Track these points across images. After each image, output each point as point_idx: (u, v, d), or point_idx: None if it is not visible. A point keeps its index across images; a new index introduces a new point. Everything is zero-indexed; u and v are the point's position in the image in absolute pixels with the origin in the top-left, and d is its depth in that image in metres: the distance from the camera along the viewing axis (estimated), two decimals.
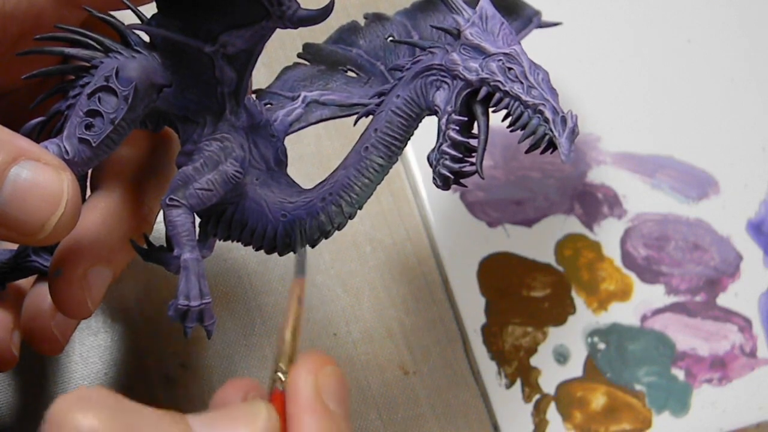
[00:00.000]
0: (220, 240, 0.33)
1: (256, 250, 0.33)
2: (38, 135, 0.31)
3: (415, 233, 0.48)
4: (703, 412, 0.46)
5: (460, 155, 0.31)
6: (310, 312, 0.46)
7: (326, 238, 0.33)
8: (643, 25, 0.53)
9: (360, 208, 0.32)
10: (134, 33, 0.31)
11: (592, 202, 0.49)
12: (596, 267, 0.48)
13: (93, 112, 0.30)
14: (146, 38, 0.31)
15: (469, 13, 0.31)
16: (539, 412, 0.45)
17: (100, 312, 0.44)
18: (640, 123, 0.51)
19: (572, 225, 0.48)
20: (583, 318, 0.47)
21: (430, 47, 0.31)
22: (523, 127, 0.30)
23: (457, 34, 0.31)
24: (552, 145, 0.29)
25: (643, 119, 0.51)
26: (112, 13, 0.32)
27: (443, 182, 0.31)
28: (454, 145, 0.31)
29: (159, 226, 0.34)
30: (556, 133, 0.29)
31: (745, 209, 0.50)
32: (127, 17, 0.32)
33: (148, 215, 0.34)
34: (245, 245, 0.33)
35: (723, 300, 0.48)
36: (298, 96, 0.34)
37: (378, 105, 0.32)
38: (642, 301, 0.47)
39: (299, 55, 0.36)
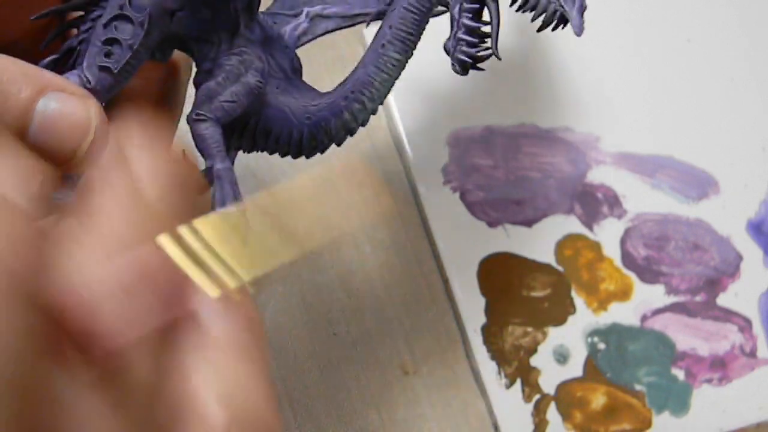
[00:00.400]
0: (245, 152, 0.34)
1: (282, 156, 0.34)
2: (53, 71, 0.32)
3: (415, 233, 0.48)
4: (703, 412, 0.46)
5: (476, 40, 0.33)
6: (310, 312, 0.46)
7: (351, 135, 0.34)
8: (643, 25, 0.53)
9: (381, 102, 0.34)
10: None
11: (592, 202, 0.49)
12: (596, 267, 0.48)
13: (111, 40, 0.31)
14: None
15: None
16: (539, 412, 0.45)
17: None
18: (640, 123, 0.51)
19: (572, 225, 0.48)
20: (583, 318, 0.47)
21: None
22: (533, 7, 0.32)
23: None
24: (563, 20, 0.32)
25: (643, 119, 0.51)
26: None
27: (462, 67, 0.33)
28: (469, 31, 0.32)
29: None
30: (567, 7, 0.31)
31: (745, 209, 0.50)
32: None
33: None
34: (271, 153, 0.34)
35: (723, 300, 0.48)
36: (301, 12, 0.35)
37: (389, 4, 0.34)
38: (642, 301, 0.47)
39: None
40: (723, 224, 0.49)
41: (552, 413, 0.45)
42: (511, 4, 0.32)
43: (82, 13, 0.32)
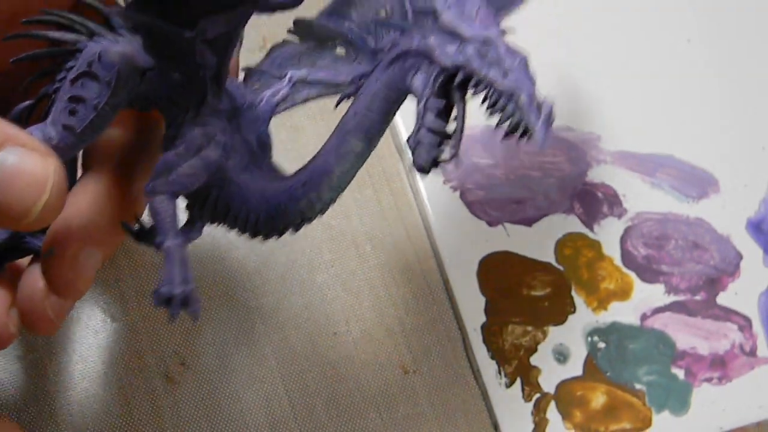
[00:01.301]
0: (207, 224, 0.33)
1: (240, 234, 0.33)
2: (27, 118, 0.31)
3: (415, 233, 0.48)
4: (703, 410, 0.46)
5: (438, 140, 0.31)
6: (310, 311, 0.46)
7: (308, 223, 0.32)
8: (644, 24, 0.53)
9: (341, 192, 0.32)
10: (118, 16, 0.31)
11: (592, 201, 0.49)
12: (596, 266, 0.48)
13: (76, 98, 0.30)
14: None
15: None
16: (539, 411, 0.45)
17: (100, 311, 0.44)
18: (640, 122, 0.51)
19: (572, 224, 0.48)
20: (583, 317, 0.47)
21: (410, 29, 0.31)
22: (501, 110, 0.30)
23: (434, 17, 0.30)
24: (528, 132, 0.29)
25: (643, 118, 0.51)
26: None
27: (420, 168, 0.31)
28: (432, 130, 0.30)
29: None
30: (532, 120, 0.29)
31: (745, 208, 0.50)
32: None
33: (138, 196, 0.34)
34: (230, 229, 0.33)
35: (723, 299, 0.48)
36: (285, 75, 0.34)
37: (358, 88, 0.32)
38: (642, 300, 0.47)
39: (289, 32, 0.36)
40: (723, 223, 0.49)
41: (552, 412, 0.45)
42: (482, 103, 0.30)
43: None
